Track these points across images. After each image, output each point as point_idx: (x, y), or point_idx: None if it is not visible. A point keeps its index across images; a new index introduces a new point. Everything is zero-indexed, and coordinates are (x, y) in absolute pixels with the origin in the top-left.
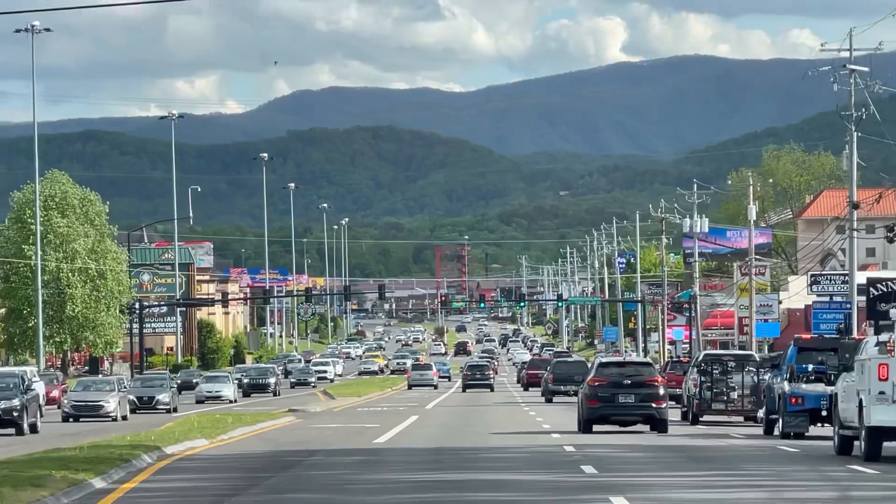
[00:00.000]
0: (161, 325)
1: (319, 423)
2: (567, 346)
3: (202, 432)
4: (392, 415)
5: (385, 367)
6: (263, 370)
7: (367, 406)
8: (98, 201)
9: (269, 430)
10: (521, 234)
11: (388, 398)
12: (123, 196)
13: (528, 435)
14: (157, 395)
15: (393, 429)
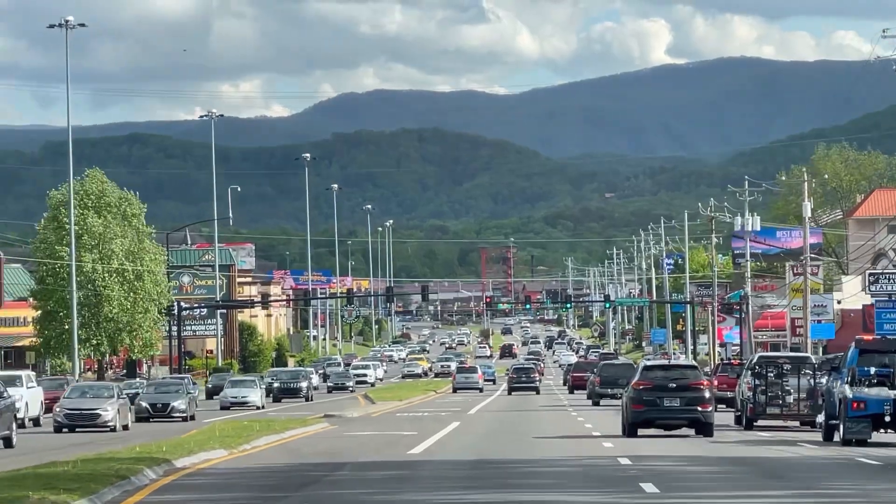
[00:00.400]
0: (202, 327)
1: (354, 431)
2: (614, 349)
3: (222, 442)
4: (432, 421)
5: (429, 371)
6: (295, 374)
7: (407, 411)
8: (136, 201)
9: (298, 438)
10: (567, 236)
11: (431, 402)
12: (169, 199)
13: (577, 442)
14: (173, 402)
15: (431, 437)
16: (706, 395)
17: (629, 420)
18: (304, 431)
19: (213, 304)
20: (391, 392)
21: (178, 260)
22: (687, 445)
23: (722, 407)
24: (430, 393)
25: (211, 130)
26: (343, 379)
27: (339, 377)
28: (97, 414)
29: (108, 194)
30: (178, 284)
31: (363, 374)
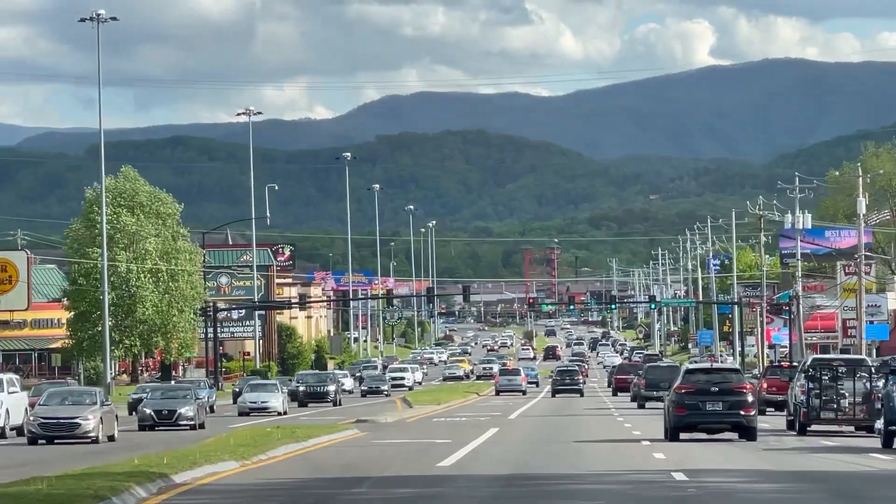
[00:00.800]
0: (240, 329)
1: (384, 438)
2: (659, 351)
3: (234, 453)
4: (469, 427)
5: (470, 373)
6: (322, 377)
7: (444, 416)
8: (169, 200)
9: (322, 447)
10: (611, 237)
11: (470, 406)
12: (212, 201)
13: (623, 450)
14: (180, 409)
15: (465, 446)
16: (749, 399)
17: (671, 424)
18: (330, 439)
19: (250, 304)
20: (430, 395)
21: (216, 260)
22: (741, 453)
23: (771, 411)
24: (470, 396)
25: (250, 128)
26: (378, 382)
27: (374, 380)
28: (76, 423)
29: (140, 194)
30: (216, 285)
31: (400, 377)
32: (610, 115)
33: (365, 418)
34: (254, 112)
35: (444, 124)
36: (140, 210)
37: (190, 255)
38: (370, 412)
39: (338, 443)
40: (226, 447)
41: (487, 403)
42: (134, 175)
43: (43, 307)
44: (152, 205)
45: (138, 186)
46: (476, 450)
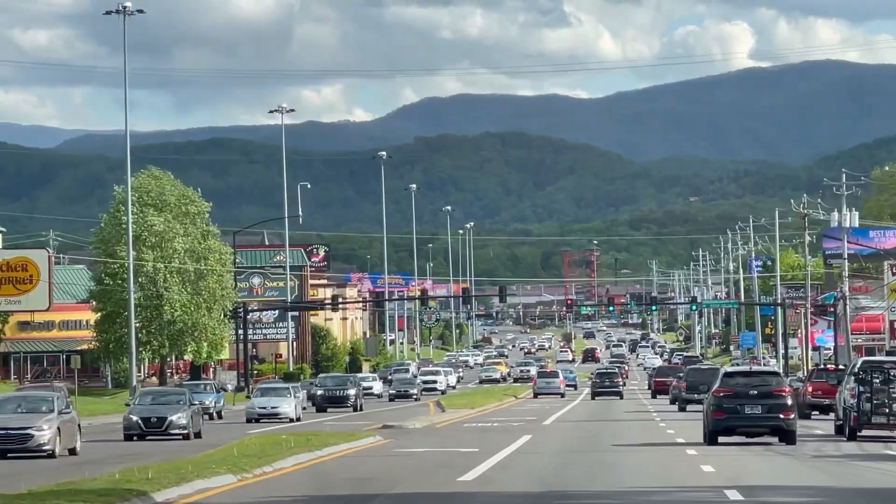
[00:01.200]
0: (273, 331)
1: (407, 447)
2: (700, 353)
3: (235, 465)
4: (501, 433)
5: (507, 376)
6: (342, 380)
7: (477, 420)
8: (198, 199)
9: (337, 457)
10: (651, 239)
11: (505, 410)
12: (252, 203)
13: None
14: (170, 416)
15: (493, 456)
16: (788, 403)
17: (710, 428)
18: (348, 448)
19: (281, 305)
20: (465, 398)
21: (249, 261)
22: (796, 465)
23: (816, 415)
24: (506, 399)
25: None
26: (407, 386)
27: (403, 384)
28: (28, 435)
29: (167, 192)
30: (249, 286)
31: (432, 381)
32: (649, 117)
33: (392, 424)
34: (286, 109)
35: (484, 126)
36: (168, 209)
37: (220, 255)
38: (398, 417)
39: (356, 452)
40: (227, 458)
41: (523, 407)
42: (161, 173)
43: (71, 308)
44: (181, 203)
45: (165, 185)
46: (504, 461)
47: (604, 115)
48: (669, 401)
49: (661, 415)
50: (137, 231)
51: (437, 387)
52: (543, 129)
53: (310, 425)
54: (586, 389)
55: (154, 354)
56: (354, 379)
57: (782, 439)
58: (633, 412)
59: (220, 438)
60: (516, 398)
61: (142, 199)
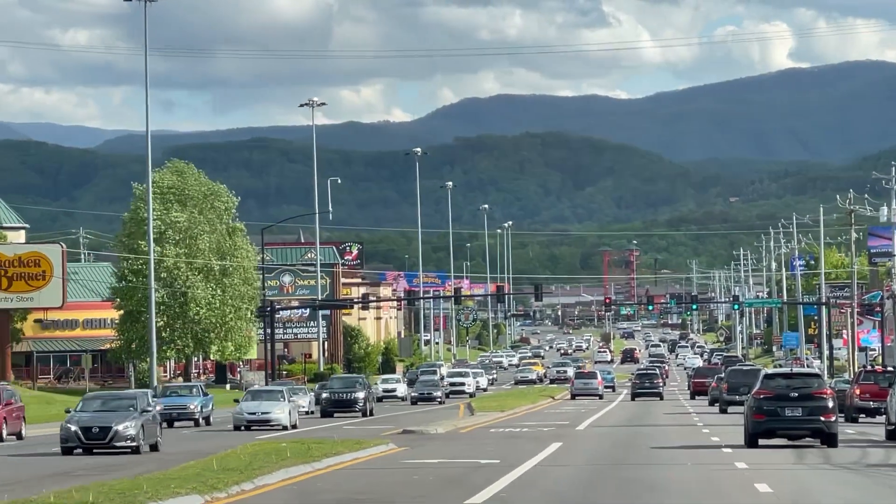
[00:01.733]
0: (304, 330)
1: (421, 457)
2: (742, 354)
3: (207, 482)
4: (528, 441)
5: (543, 377)
6: (350, 382)
7: (505, 425)
8: (225, 193)
9: (336, 469)
10: (691, 240)
11: (537, 413)
12: (291, 203)
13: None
14: (116, 426)
15: (514, 470)
16: (829, 405)
17: (750, 430)
18: (354, 458)
19: (310, 303)
20: (497, 400)
21: (279, 258)
22: (862, 482)
23: (863, 418)
24: (540, 401)
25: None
26: (430, 389)
27: (427, 386)
28: None
29: (190, 186)
30: (279, 284)
31: (459, 382)
32: (689, 117)
33: (413, 429)
34: (318, 103)
35: (523, 127)
36: (193, 204)
37: (247, 252)
38: (421, 421)
39: (361, 462)
40: (202, 473)
41: (558, 410)
42: (184, 167)
43: (96, 306)
44: (206, 198)
45: (189, 179)
46: (526, 476)
47: (643, 116)
48: (709, 402)
49: (701, 417)
50: (161, 227)
51: (464, 389)
52: (583, 130)
53: (312, 433)
54: (625, 391)
55: (178, 354)
56: (364, 381)
57: (823, 442)
58: (673, 414)
59: (187, 451)
60: (553, 399)
61: (164, 194)
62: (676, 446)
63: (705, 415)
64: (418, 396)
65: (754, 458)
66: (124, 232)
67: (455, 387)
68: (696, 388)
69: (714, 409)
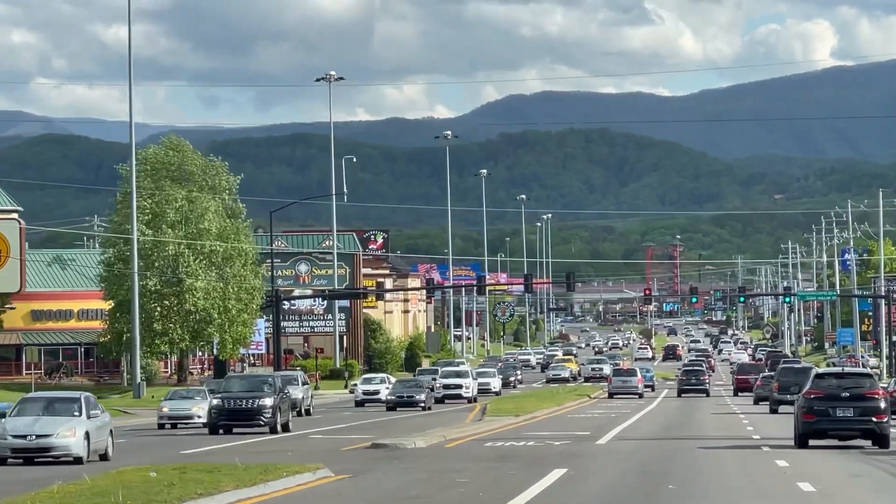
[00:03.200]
0: (321, 323)
1: (367, 489)
2: (791, 351)
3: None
4: (521, 466)
5: (577, 375)
6: (255, 383)
7: (510, 436)
8: (224, 171)
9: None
10: (736, 237)
11: (558, 419)
12: (338, 201)
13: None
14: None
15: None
16: (881, 406)
17: (800, 430)
18: (249, 498)
19: (321, 293)
20: (516, 402)
21: (295, 245)
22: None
23: None
24: (569, 402)
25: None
26: (410, 390)
27: (406, 388)
28: None
29: (189, 163)
30: (294, 273)
31: (455, 385)
32: (734, 115)
33: (385, 442)
34: (334, 77)
35: (567, 123)
36: (192, 182)
37: (247, 236)
38: (403, 430)
39: (271, 499)
40: None
41: (584, 414)
42: (179, 142)
43: (91, 296)
44: (206, 176)
45: (186, 155)
46: None
47: (688, 113)
48: (753, 400)
49: (751, 419)
50: (154, 210)
51: (461, 393)
52: (627, 126)
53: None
54: (665, 390)
55: (172, 347)
56: (275, 381)
57: (875, 443)
58: (719, 415)
59: None
60: (589, 398)
61: (158, 172)
62: (729, 480)
63: (753, 415)
64: (396, 401)
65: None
66: (115, 214)
67: (450, 390)
68: (740, 384)
69: (761, 408)
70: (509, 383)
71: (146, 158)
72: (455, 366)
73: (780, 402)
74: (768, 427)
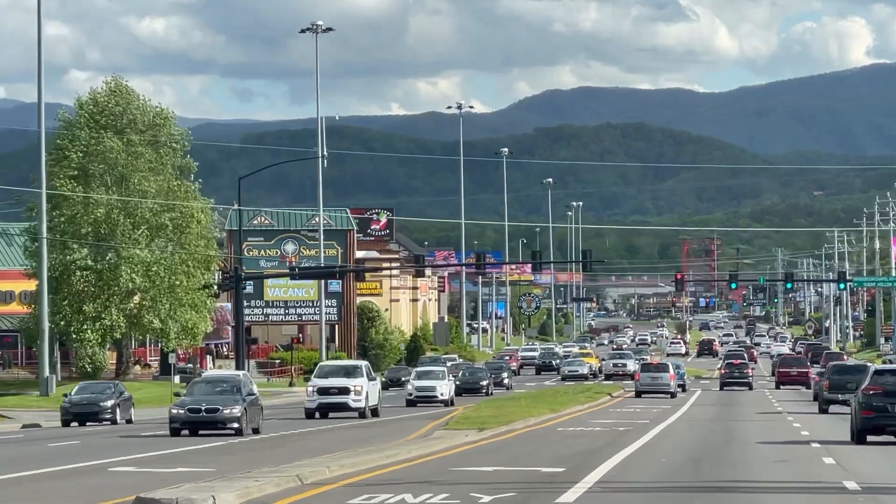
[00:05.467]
0: (309, 311)
1: None
2: (839, 347)
3: None
4: None
5: (598, 371)
6: None
7: (420, 477)
8: (175, 121)
9: None
10: (774, 233)
11: (538, 434)
12: (367, 192)
13: None
14: None
15: None
16: None
17: (858, 427)
18: None
19: (289, 271)
20: (501, 407)
21: (281, 223)
22: None
23: None
24: (575, 407)
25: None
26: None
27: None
28: None
29: (133, 111)
30: (280, 253)
31: (429, 387)
32: (771, 112)
33: (153, 497)
34: (322, 28)
35: (604, 118)
36: (136, 131)
37: (198, 200)
38: (280, 456)
39: None
40: None
41: (579, 427)
42: (118, 85)
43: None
44: (152, 128)
45: (131, 103)
46: None
47: (725, 110)
48: (813, 398)
49: (799, 420)
50: (86, 161)
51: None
52: (665, 122)
53: None
54: (698, 391)
55: (107, 334)
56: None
57: None
58: (765, 421)
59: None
60: (611, 396)
61: (95, 119)
62: None
63: (800, 413)
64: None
65: None
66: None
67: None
68: (782, 378)
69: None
70: (501, 383)
71: (82, 104)
72: (440, 364)
73: (831, 401)
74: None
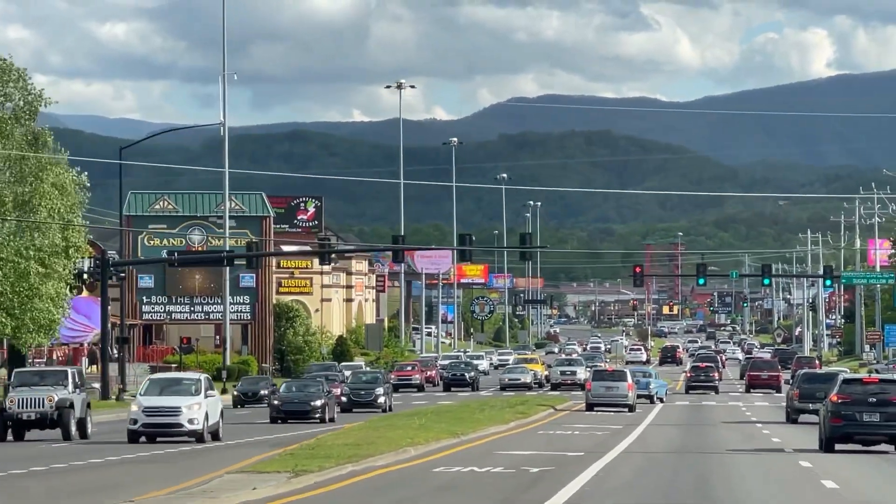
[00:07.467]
0: (218, 308)
1: None
2: (816, 357)
3: None
4: None
5: (545, 380)
6: None
7: None
8: (24, 76)
9: None
10: (739, 241)
11: (402, 478)
12: (332, 198)
13: None
14: None
15: None
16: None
17: (826, 434)
18: None
19: (167, 258)
20: (376, 431)
21: (186, 208)
22: None
23: None
24: (494, 427)
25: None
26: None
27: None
28: None
29: None
30: (185, 243)
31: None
32: (735, 121)
33: None
34: None
35: (568, 126)
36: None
37: (59, 175)
38: None
39: None
40: None
41: (469, 468)
42: None
43: None
44: None
45: None
46: None
47: (690, 119)
48: None
49: None
50: None
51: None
52: (629, 130)
53: None
54: (659, 405)
55: None
56: None
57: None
58: (750, 454)
59: None
60: (555, 410)
61: None
62: None
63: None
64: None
65: None
66: None
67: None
68: (752, 381)
69: None
70: (374, 402)
71: None
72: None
73: (801, 410)
74: None
